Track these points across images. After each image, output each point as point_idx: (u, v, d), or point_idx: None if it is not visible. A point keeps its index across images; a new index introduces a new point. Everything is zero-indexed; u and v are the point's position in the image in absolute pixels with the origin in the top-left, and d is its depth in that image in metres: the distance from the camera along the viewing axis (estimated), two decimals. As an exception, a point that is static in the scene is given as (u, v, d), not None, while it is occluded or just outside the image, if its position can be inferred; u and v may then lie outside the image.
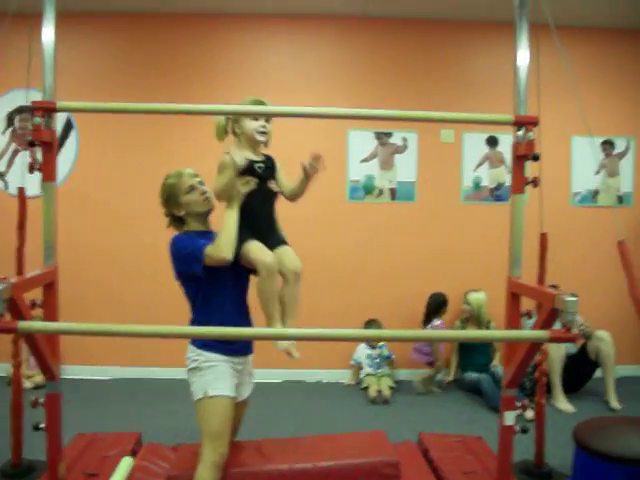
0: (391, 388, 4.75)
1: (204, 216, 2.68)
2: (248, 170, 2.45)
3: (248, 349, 2.73)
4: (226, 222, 2.43)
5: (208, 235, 2.60)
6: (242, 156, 2.40)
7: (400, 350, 5.04)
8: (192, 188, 2.59)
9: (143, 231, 4.85)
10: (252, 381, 2.86)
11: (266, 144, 2.58)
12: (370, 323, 4.98)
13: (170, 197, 2.62)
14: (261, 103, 2.53)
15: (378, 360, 4.96)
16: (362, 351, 5.02)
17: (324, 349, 5.05)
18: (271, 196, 2.57)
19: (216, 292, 2.54)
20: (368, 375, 4.89)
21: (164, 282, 2.89)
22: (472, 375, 4.79)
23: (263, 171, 2.52)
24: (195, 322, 2.57)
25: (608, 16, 4.98)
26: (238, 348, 2.61)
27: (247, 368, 2.75)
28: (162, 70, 5.06)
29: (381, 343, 5.01)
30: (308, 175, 2.50)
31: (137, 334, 2.10)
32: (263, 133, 2.53)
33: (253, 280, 2.54)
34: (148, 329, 2.04)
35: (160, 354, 4.57)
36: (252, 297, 2.59)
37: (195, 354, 2.56)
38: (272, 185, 2.55)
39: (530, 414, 3.55)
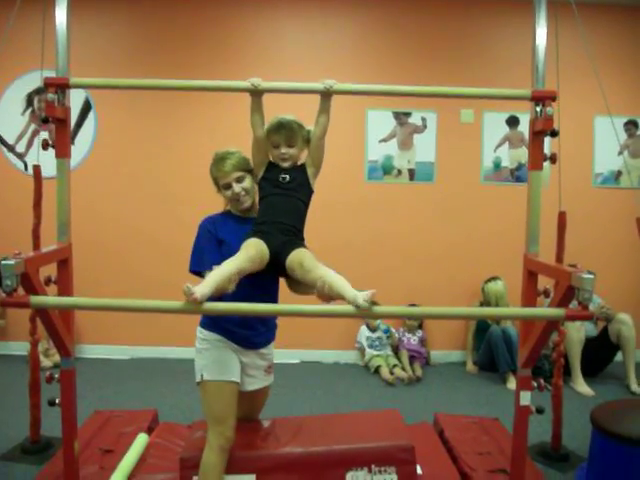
0: (399, 367, 4.77)
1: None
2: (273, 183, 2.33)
3: (251, 342, 2.53)
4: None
5: (247, 223, 2.40)
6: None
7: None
8: (228, 186, 2.45)
9: (162, 208, 4.87)
10: (267, 376, 2.67)
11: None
12: None
13: (213, 178, 2.52)
14: (283, 125, 2.29)
15: (377, 343, 4.97)
16: (363, 333, 5.04)
17: (340, 331, 5.06)
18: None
19: None
20: (374, 357, 4.91)
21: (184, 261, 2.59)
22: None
23: (288, 182, 2.32)
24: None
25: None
26: (241, 337, 2.48)
27: (257, 362, 2.58)
28: (177, 49, 5.03)
29: (383, 326, 5.03)
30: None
31: (144, 309, 2.07)
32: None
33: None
34: (154, 304, 2.00)
35: (178, 333, 4.56)
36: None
37: (198, 331, 2.51)
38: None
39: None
